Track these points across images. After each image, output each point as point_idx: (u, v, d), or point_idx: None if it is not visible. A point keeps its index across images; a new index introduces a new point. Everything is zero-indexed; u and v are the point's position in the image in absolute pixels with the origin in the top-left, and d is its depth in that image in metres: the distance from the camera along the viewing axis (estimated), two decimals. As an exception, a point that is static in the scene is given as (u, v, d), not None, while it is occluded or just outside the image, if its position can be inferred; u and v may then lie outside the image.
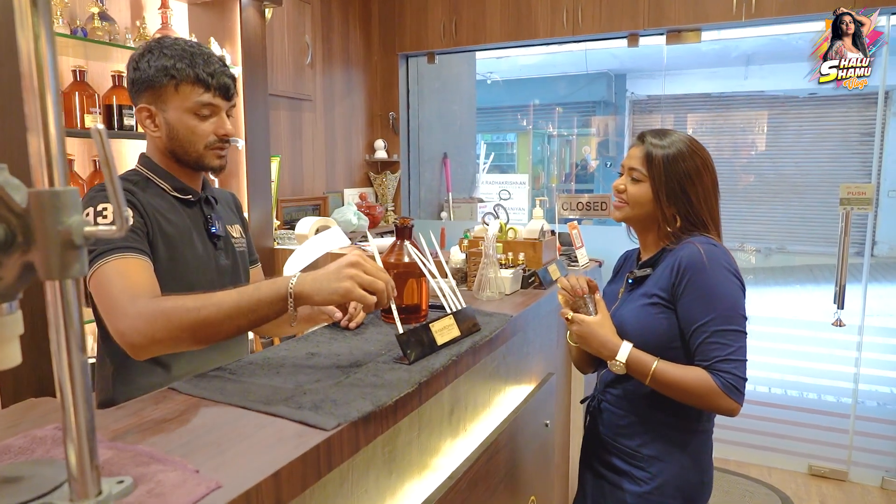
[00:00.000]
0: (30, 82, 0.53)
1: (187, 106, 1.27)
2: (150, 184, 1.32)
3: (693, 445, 1.42)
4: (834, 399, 3.32)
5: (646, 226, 1.45)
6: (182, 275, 1.27)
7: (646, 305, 1.38)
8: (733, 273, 1.33)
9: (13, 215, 0.55)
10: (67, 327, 0.56)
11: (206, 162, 1.32)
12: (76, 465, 0.58)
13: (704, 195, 1.38)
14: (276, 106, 3.38)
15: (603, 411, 1.51)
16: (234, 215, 1.54)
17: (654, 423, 1.41)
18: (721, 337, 1.29)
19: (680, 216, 1.39)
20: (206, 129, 1.30)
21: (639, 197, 1.40)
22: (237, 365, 1.10)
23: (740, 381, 1.28)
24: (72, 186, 0.55)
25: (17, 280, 0.57)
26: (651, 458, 1.41)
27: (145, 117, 1.29)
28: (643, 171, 1.39)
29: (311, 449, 0.80)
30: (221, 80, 1.29)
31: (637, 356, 1.35)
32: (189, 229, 1.32)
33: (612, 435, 1.48)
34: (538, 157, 9.10)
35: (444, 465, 1.29)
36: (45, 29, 0.53)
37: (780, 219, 5.39)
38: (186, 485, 0.69)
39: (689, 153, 1.37)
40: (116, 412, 0.91)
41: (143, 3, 2.60)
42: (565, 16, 3.53)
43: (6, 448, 0.75)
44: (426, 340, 1.19)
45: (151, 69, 1.25)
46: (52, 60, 0.54)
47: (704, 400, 1.30)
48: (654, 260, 1.43)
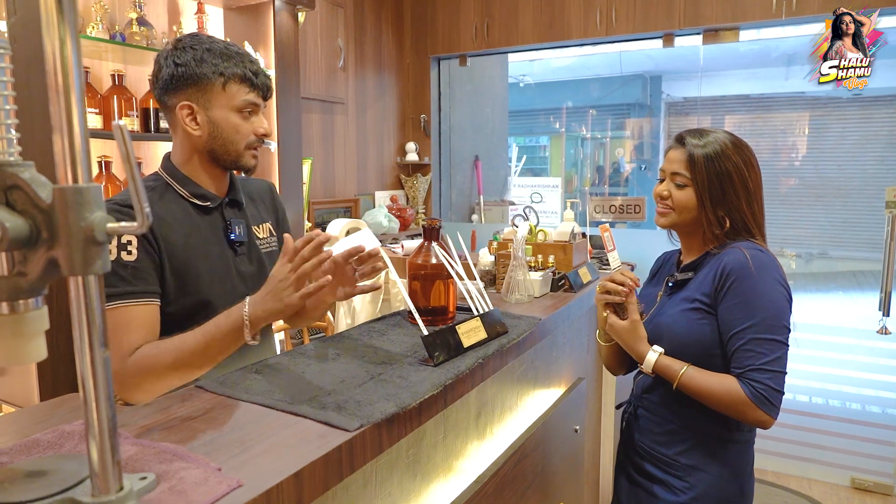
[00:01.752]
0: (54, 82, 0.54)
1: (234, 104, 1.28)
2: (169, 190, 1.30)
3: (732, 455, 1.37)
4: (879, 410, 3.20)
5: (691, 231, 1.41)
6: (195, 289, 1.26)
7: (687, 311, 1.34)
8: (780, 282, 1.28)
9: (38, 211, 0.55)
10: (90, 322, 0.56)
11: (244, 161, 1.33)
12: (98, 461, 0.58)
13: (749, 196, 1.34)
14: (309, 109, 3.42)
15: (639, 418, 1.47)
16: (268, 210, 1.51)
17: (692, 431, 1.37)
18: (757, 345, 1.24)
19: (727, 219, 1.34)
20: (248, 129, 1.31)
21: (685, 202, 1.35)
22: (263, 364, 1.11)
23: (774, 393, 1.22)
24: (94, 183, 0.55)
25: (42, 275, 0.57)
26: (689, 467, 1.36)
27: (186, 115, 1.27)
28: (686, 174, 1.34)
29: (334, 449, 0.80)
30: (264, 80, 1.32)
31: (665, 363, 1.32)
32: (204, 238, 1.30)
33: (648, 442, 1.44)
34: (571, 161, 9.01)
35: (471, 468, 1.28)
36: (69, 31, 0.54)
37: (823, 223, 5.23)
38: (208, 482, 0.69)
39: (733, 151, 1.32)
40: (143, 409, 0.92)
41: (180, 8, 2.66)
42: (599, 16, 3.49)
43: (35, 443, 0.76)
44: (452, 342, 1.18)
45: (198, 65, 1.24)
46: (76, 62, 0.54)
47: (732, 409, 1.25)
48: (696, 264, 1.39)
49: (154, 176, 1.33)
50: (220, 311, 1.22)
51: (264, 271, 1.39)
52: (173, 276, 1.23)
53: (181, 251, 1.25)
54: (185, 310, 1.25)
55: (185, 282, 1.25)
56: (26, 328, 0.58)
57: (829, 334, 3.37)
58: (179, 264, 1.24)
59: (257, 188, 1.53)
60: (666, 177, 1.39)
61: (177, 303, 1.24)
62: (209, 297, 1.27)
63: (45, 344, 0.61)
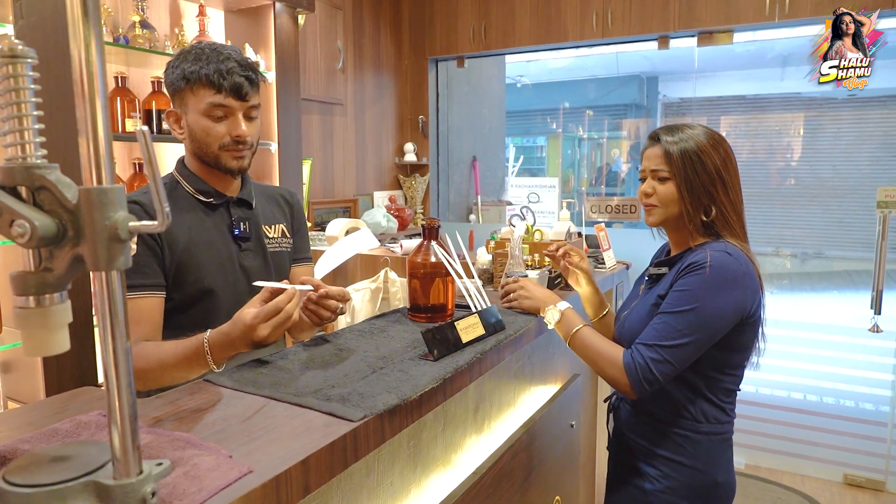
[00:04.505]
0: (81, 88, 0.58)
1: (201, 108, 1.29)
2: (178, 187, 1.37)
3: (704, 446, 1.37)
4: (872, 406, 3.24)
5: (678, 226, 1.41)
6: (196, 278, 1.32)
7: (653, 306, 1.36)
8: (736, 289, 1.26)
9: (65, 211, 0.59)
10: (112, 315, 0.60)
11: (223, 163, 1.34)
12: (119, 446, 0.62)
13: (726, 187, 1.34)
14: (308, 110, 3.45)
15: (621, 409, 1.53)
16: (283, 214, 1.54)
17: (664, 423, 1.40)
18: (665, 328, 1.26)
19: (707, 212, 1.34)
20: (220, 131, 1.31)
21: (669, 196, 1.36)
22: (269, 359, 1.14)
23: (650, 374, 1.24)
24: (117, 184, 0.59)
25: (67, 271, 0.61)
26: (663, 457, 1.40)
27: (173, 121, 1.35)
28: (666, 169, 1.35)
29: (339, 438, 0.84)
30: (233, 80, 1.27)
31: (571, 314, 1.41)
32: (209, 232, 1.36)
33: (629, 433, 1.48)
34: (568, 161, 9.05)
35: (469, 461, 1.32)
36: (95, 37, 0.57)
37: (817, 223, 5.27)
38: (220, 468, 0.73)
39: (707, 143, 1.34)
40: (155, 401, 0.96)
41: (182, 10, 2.69)
42: (595, 18, 3.53)
43: (54, 431, 0.80)
44: (451, 338, 1.21)
45: (174, 74, 1.31)
46: (101, 67, 0.58)
47: (607, 372, 1.32)
48: (674, 260, 1.40)
49: (167, 175, 1.40)
50: (221, 300, 1.31)
51: (269, 268, 1.46)
52: (175, 266, 1.30)
53: (184, 243, 1.31)
54: (188, 298, 1.32)
55: (187, 271, 1.31)
56: (52, 320, 0.62)
57: (823, 332, 3.42)
58: (181, 255, 1.30)
59: (277, 192, 1.57)
60: (647, 175, 1.41)
61: (179, 290, 1.31)
62: (212, 286, 1.33)
63: (69, 336, 0.64)
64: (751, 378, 3.02)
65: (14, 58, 0.60)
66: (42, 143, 0.63)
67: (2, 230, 0.59)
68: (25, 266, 0.62)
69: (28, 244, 0.58)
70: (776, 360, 3.29)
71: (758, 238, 4.95)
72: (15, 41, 0.60)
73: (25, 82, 0.61)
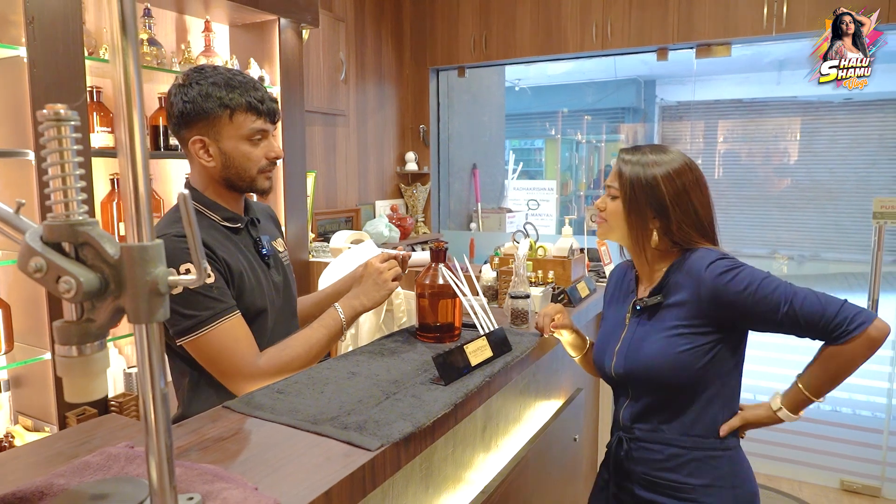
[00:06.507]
0: (123, 145, 0.61)
1: (242, 133, 1.34)
2: (202, 217, 1.38)
3: (737, 461, 1.36)
4: (869, 414, 3.29)
5: (630, 245, 1.41)
6: (251, 303, 1.37)
7: (670, 338, 1.30)
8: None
9: (106, 265, 0.62)
10: (152, 364, 0.63)
11: (258, 185, 1.40)
12: (157, 483, 0.65)
13: (685, 213, 1.32)
14: (312, 122, 3.49)
15: (633, 449, 1.39)
16: (277, 228, 1.63)
17: (691, 450, 1.34)
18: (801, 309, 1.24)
19: (658, 226, 1.33)
20: (258, 154, 1.38)
21: (615, 212, 1.37)
22: (285, 384, 1.18)
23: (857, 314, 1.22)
24: (157, 241, 0.62)
25: (108, 321, 0.64)
26: (703, 486, 1.33)
27: (199, 148, 1.35)
28: (616, 186, 1.37)
29: (358, 468, 0.87)
30: (270, 106, 1.38)
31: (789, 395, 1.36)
32: (245, 256, 1.40)
33: (650, 472, 1.37)
34: (566, 164, 9.09)
35: (478, 479, 1.35)
36: (135, 84, 0.61)
37: (814, 226, 5.31)
38: (248, 502, 0.76)
39: (661, 161, 1.32)
40: (177, 430, 0.99)
41: (188, 26, 2.72)
42: (595, 30, 3.57)
43: (86, 465, 0.83)
44: (461, 362, 1.25)
45: (204, 101, 1.31)
46: (140, 123, 0.61)
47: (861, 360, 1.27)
48: (661, 286, 1.35)
49: None
50: (269, 318, 1.40)
51: (289, 282, 1.51)
52: (234, 290, 1.34)
53: (236, 268, 1.35)
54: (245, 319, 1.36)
55: (243, 294, 1.36)
56: (93, 368, 0.65)
57: (820, 339, 3.44)
58: (238, 279, 1.35)
59: (262, 210, 1.62)
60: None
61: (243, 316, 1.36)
62: (263, 305, 1.40)
63: (108, 380, 0.68)
64: (748, 385, 3.05)
65: (59, 121, 0.64)
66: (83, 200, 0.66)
67: (48, 285, 0.62)
68: (68, 316, 0.65)
69: (73, 299, 0.61)
70: (772, 367, 3.32)
71: (754, 241, 5.00)
72: (58, 106, 0.64)
73: (69, 143, 0.64)
